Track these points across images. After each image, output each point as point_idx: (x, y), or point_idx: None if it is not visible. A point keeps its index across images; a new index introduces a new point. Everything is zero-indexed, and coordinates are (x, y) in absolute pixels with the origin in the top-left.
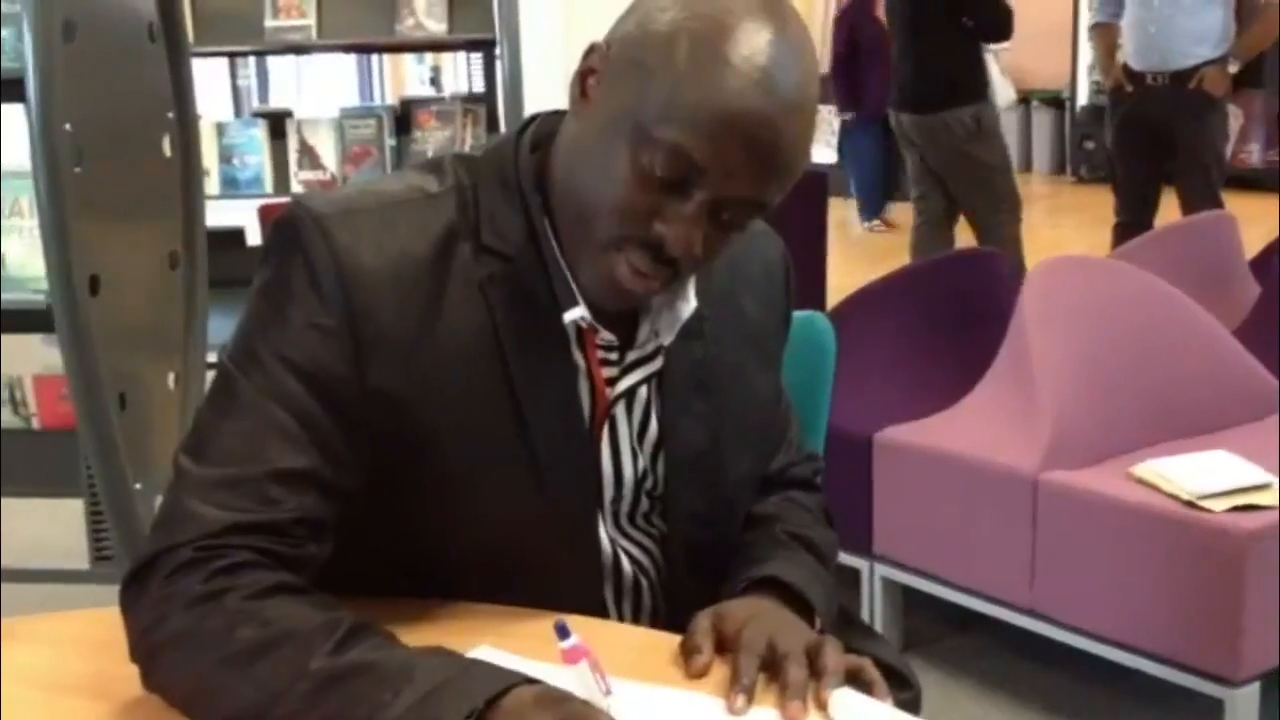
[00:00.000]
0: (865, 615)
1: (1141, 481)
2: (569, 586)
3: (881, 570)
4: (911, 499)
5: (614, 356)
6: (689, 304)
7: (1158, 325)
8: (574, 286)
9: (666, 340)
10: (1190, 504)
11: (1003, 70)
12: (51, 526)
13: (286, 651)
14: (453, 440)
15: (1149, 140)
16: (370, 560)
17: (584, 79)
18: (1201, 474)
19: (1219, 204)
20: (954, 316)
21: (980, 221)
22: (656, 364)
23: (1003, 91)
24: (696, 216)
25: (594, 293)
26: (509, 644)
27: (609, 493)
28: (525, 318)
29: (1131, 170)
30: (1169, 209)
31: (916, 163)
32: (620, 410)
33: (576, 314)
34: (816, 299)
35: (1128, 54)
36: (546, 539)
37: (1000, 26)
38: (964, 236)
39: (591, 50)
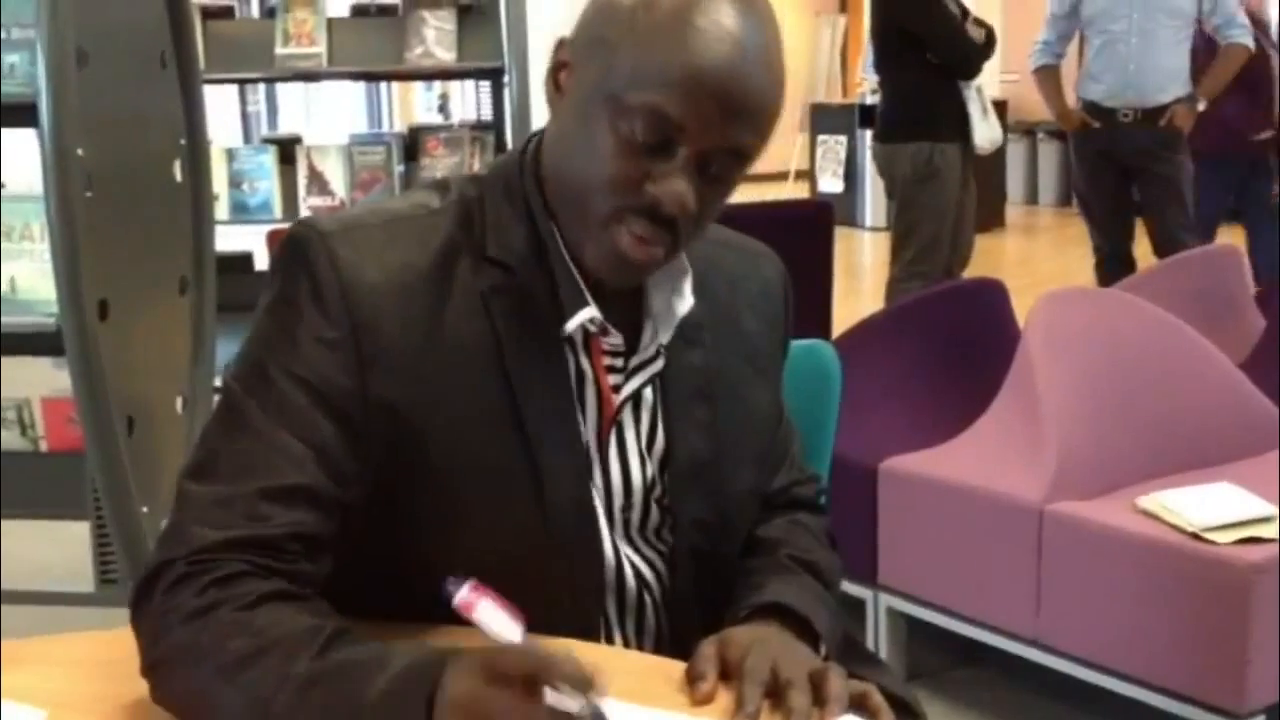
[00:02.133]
0: (870, 646)
1: (1146, 513)
2: (570, 599)
3: (886, 600)
4: (917, 529)
5: (619, 363)
6: (686, 301)
7: (1163, 357)
8: (583, 287)
9: (665, 338)
10: (1195, 536)
11: (985, 109)
12: (57, 549)
13: (273, 659)
14: (455, 450)
15: (1121, 175)
16: (371, 577)
17: (555, 75)
18: (1206, 506)
19: (1194, 233)
20: (958, 347)
21: (899, 257)
22: (659, 364)
23: (984, 132)
24: (684, 172)
25: (603, 272)
26: None
27: (618, 500)
28: (527, 328)
29: (1107, 203)
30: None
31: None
32: (628, 417)
33: (585, 315)
34: (822, 328)
35: (1096, 91)
36: (547, 550)
37: (966, 63)
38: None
39: (559, 45)
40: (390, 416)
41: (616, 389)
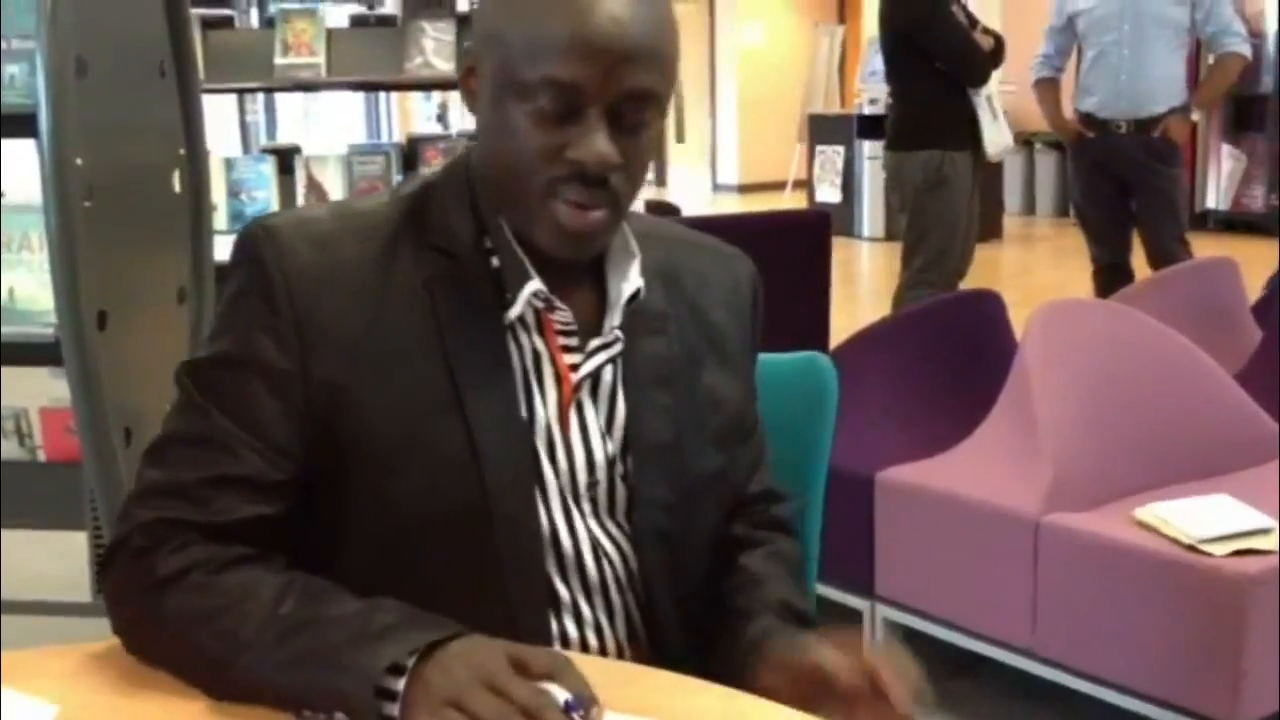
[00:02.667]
0: None
1: (1143, 525)
2: (514, 572)
3: (883, 611)
4: (914, 540)
5: (575, 342)
6: (633, 283)
7: (1159, 369)
8: (527, 264)
9: (616, 319)
10: (1191, 548)
11: (996, 116)
12: (55, 559)
13: (248, 607)
14: (397, 430)
15: (1117, 186)
16: (322, 550)
17: (465, 82)
18: (1202, 518)
19: (1187, 243)
20: (956, 358)
21: (909, 264)
22: (618, 347)
23: (994, 139)
24: (598, 130)
25: (555, 248)
26: None
27: (582, 477)
28: (470, 313)
29: (1104, 214)
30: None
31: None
32: (587, 397)
33: (530, 289)
34: (820, 338)
35: (1089, 103)
36: (488, 525)
37: (974, 71)
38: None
39: (464, 55)
40: (333, 397)
41: (575, 368)
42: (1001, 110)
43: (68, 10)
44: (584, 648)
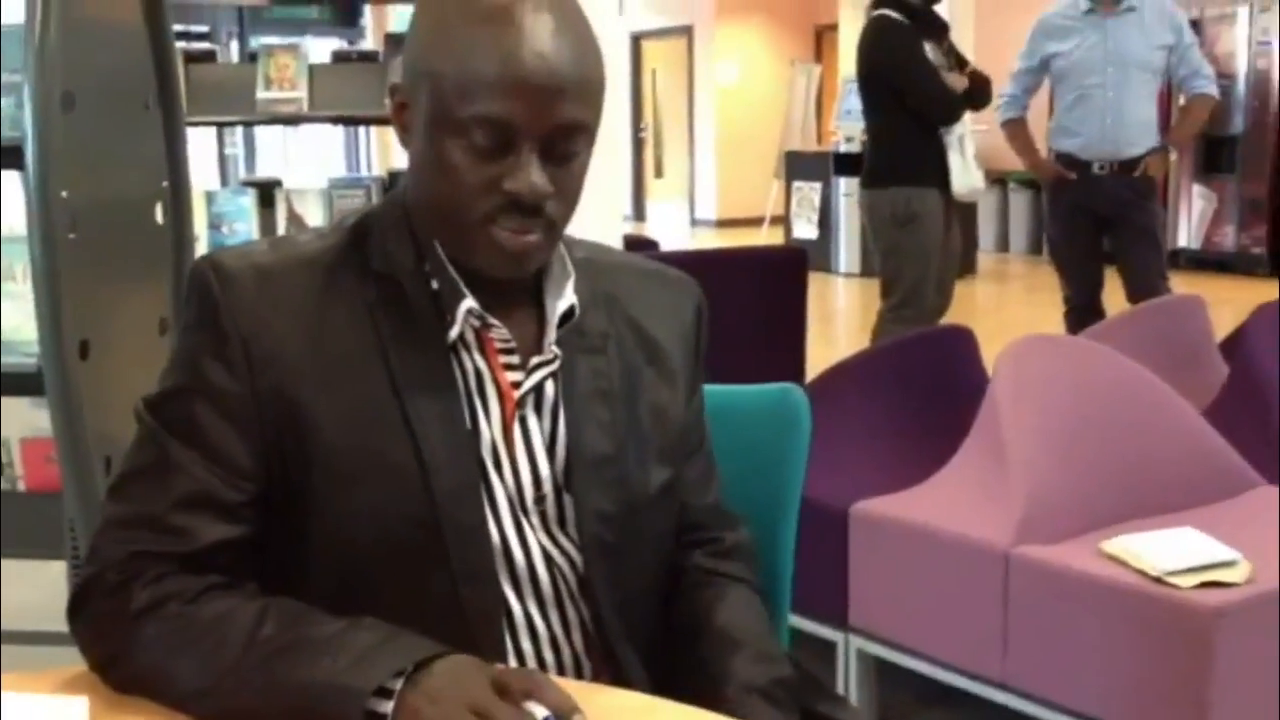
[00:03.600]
0: (840, 688)
1: (1111, 557)
2: (467, 584)
3: (856, 642)
4: (887, 572)
5: (516, 360)
6: (567, 299)
7: (1128, 404)
8: (460, 284)
9: (551, 336)
10: (1158, 580)
11: (965, 157)
12: (34, 589)
13: (227, 633)
14: (345, 447)
15: (1095, 226)
16: (278, 564)
17: (398, 116)
18: (1170, 550)
19: (1167, 279)
20: (928, 392)
21: (886, 301)
22: (558, 364)
23: (963, 179)
24: (530, 162)
25: (495, 269)
26: None
27: (529, 492)
28: (412, 334)
29: (1080, 254)
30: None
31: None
32: (531, 412)
33: (465, 306)
34: (795, 372)
35: (1071, 144)
36: (437, 537)
37: (942, 110)
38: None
39: (391, 91)
40: (284, 415)
41: (517, 385)
42: (972, 151)
43: (56, 45)
44: (540, 663)
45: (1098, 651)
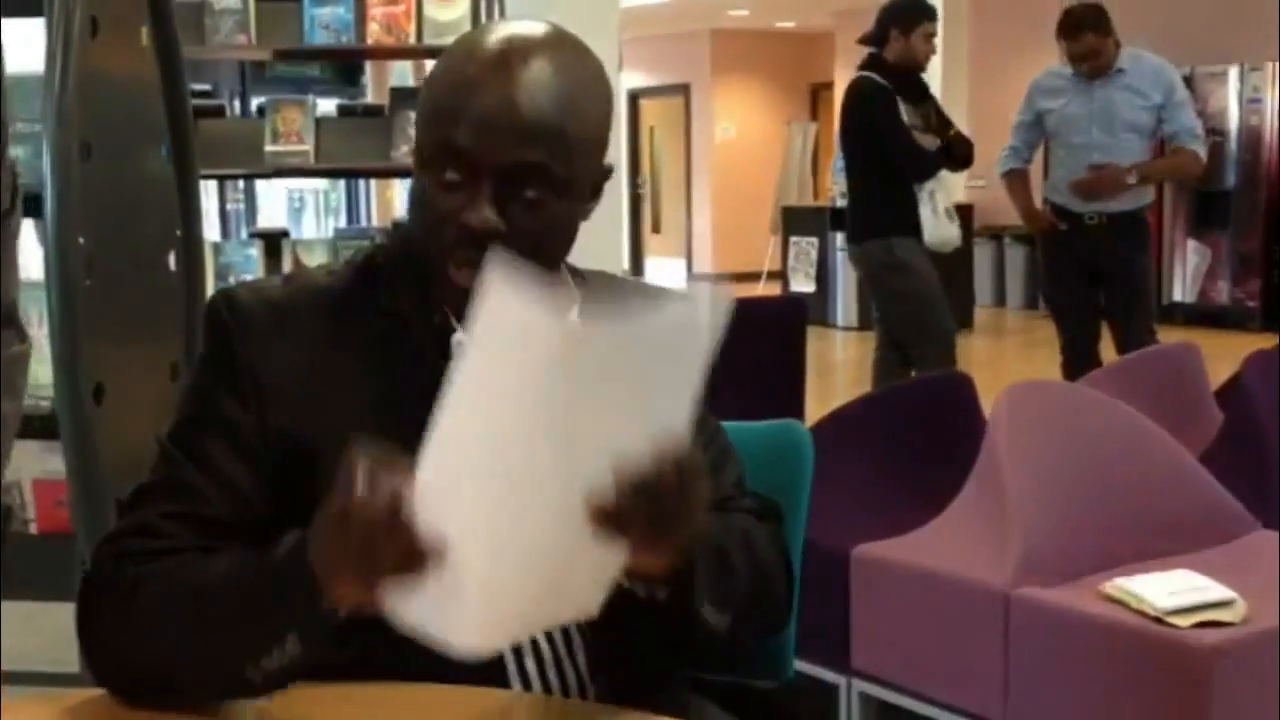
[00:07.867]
0: None
1: (1110, 598)
2: None
3: (859, 686)
4: (889, 614)
5: None
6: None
7: (1125, 449)
8: (451, 317)
9: None
10: (1157, 620)
11: (936, 211)
12: (46, 632)
13: (198, 566)
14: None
15: (1087, 275)
16: None
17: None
18: (1168, 591)
19: (1155, 334)
20: (928, 437)
21: (911, 352)
22: None
23: (935, 231)
24: (484, 195)
25: (450, 304)
26: None
27: None
28: (415, 369)
29: (1073, 303)
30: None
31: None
32: None
33: (458, 338)
34: (795, 418)
35: (1062, 197)
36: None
37: (914, 167)
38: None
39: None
40: (288, 446)
41: None
42: (945, 207)
43: (74, 96)
44: (544, 684)
45: (1098, 691)
